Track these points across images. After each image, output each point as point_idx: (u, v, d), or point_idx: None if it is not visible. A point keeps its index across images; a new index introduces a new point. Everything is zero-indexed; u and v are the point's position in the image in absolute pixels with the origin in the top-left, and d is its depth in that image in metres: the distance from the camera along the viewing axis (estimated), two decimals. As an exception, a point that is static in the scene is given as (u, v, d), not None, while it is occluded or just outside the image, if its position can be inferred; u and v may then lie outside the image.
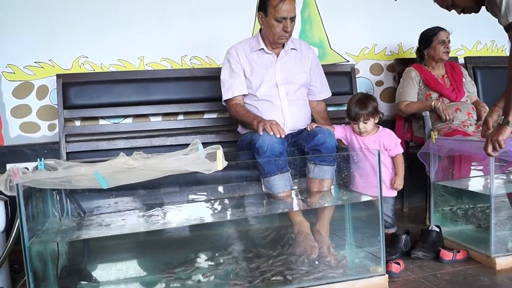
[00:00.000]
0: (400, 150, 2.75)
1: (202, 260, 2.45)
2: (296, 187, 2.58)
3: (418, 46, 3.51)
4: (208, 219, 2.37)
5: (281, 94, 2.76)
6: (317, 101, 2.98)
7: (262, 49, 2.78)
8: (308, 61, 2.90)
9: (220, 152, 1.97)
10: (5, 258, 2.21)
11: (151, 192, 2.44)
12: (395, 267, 2.36)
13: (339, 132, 2.79)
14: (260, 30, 2.81)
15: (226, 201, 2.51)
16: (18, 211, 1.84)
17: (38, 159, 2.02)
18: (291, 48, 2.84)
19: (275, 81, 2.77)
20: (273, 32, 2.68)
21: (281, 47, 2.81)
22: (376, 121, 2.70)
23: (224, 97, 2.80)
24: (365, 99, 2.66)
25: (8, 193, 1.85)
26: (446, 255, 2.52)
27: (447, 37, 3.38)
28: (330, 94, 3.02)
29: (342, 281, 2.20)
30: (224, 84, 2.80)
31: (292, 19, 2.67)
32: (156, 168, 1.98)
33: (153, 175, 2.00)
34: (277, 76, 2.77)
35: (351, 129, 2.76)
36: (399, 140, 2.77)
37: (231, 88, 2.77)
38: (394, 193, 2.79)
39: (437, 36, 3.38)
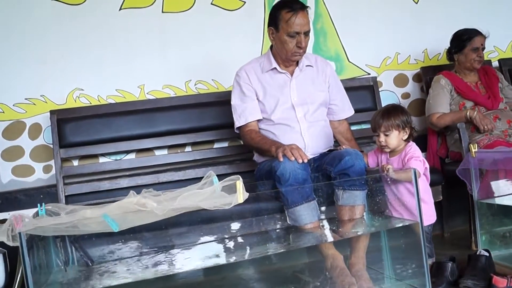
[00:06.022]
0: (416, 165, 2.45)
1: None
2: (324, 217, 2.57)
3: (449, 47, 3.48)
4: (229, 259, 2.36)
5: (299, 116, 2.79)
6: (339, 120, 3.00)
7: (275, 68, 2.81)
8: (325, 77, 2.92)
9: (240, 183, 1.98)
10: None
11: (164, 233, 2.44)
12: (443, 300, 2.34)
13: (372, 159, 2.72)
14: (271, 47, 2.85)
15: (247, 238, 2.50)
16: (22, 262, 1.85)
17: (38, 205, 2.04)
18: (306, 65, 2.87)
19: (291, 102, 2.80)
20: (285, 48, 2.72)
21: (295, 64, 2.84)
22: (404, 136, 2.56)
23: (237, 124, 2.82)
24: (392, 109, 2.57)
25: (11, 244, 1.86)
26: (500, 281, 2.49)
27: (482, 44, 3.35)
28: (353, 112, 3.04)
29: (385, 318, 2.19)
30: (236, 109, 2.82)
31: (306, 33, 2.70)
32: (170, 207, 1.99)
33: (166, 214, 2.02)
34: (293, 97, 2.80)
35: (379, 151, 2.69)
36: (420, 155, 2.54)
37: (244, 113, 2.80)
38: (431, 220, 2.66)
39: (471, 42, 3.33)
